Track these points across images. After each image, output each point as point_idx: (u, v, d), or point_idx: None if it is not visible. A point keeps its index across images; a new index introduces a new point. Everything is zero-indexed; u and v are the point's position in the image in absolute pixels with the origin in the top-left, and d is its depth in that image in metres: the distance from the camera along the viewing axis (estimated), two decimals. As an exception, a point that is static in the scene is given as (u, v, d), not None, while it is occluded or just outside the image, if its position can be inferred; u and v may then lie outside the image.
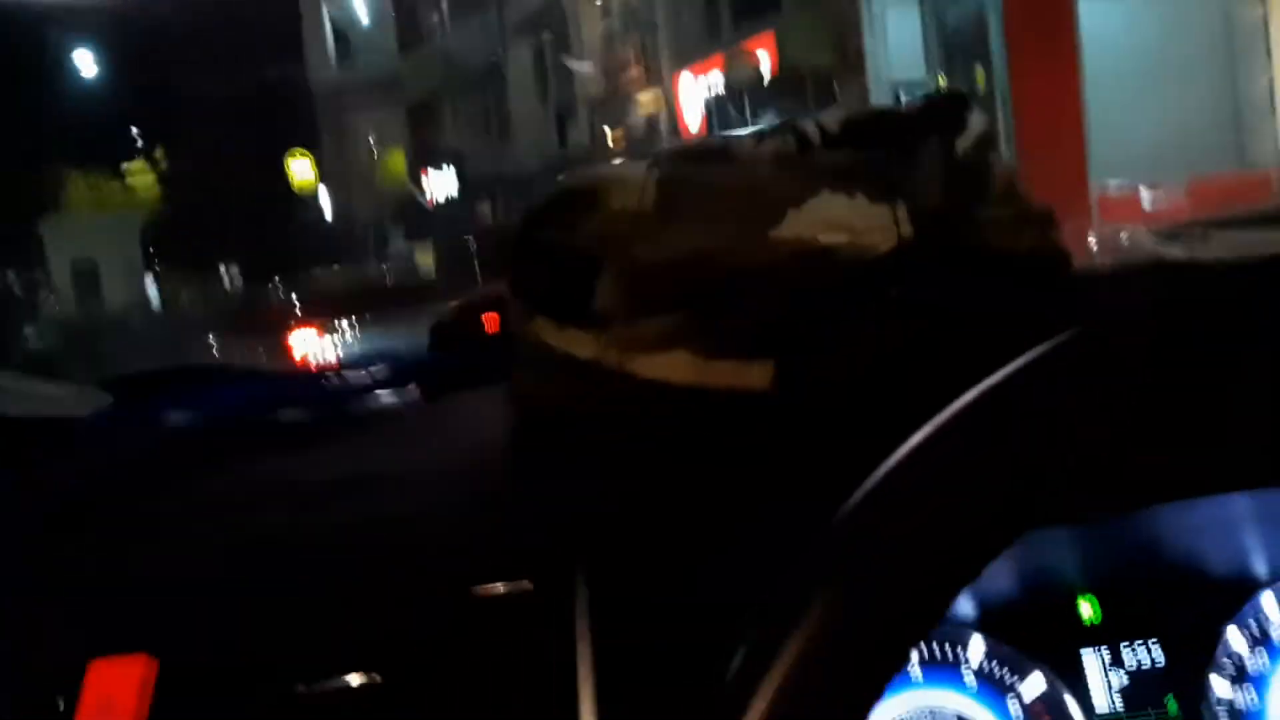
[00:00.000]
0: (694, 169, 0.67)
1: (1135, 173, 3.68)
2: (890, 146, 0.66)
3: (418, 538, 0.59)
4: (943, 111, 0.68)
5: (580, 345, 0.65)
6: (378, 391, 0.91)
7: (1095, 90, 3.43)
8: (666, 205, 0.65)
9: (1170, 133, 4.99)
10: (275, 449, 0.76)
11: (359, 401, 0.90)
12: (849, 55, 5.46)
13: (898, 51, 5.22)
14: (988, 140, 0.68)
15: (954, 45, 5.81)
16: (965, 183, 0.66)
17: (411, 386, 0.90)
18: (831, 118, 0.69)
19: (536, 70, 25.72)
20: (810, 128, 0.68)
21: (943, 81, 6.42)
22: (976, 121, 0.68)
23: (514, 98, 26.38)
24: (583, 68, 22.70)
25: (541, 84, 25.51)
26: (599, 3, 22.66)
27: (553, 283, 0.67)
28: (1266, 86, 5.02)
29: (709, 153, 0.70)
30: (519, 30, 25.65)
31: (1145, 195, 3.61)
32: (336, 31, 34.00)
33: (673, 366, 0.63)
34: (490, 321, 0.80)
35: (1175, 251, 0.87)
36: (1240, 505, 0.64)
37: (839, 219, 0.63)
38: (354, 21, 34.50)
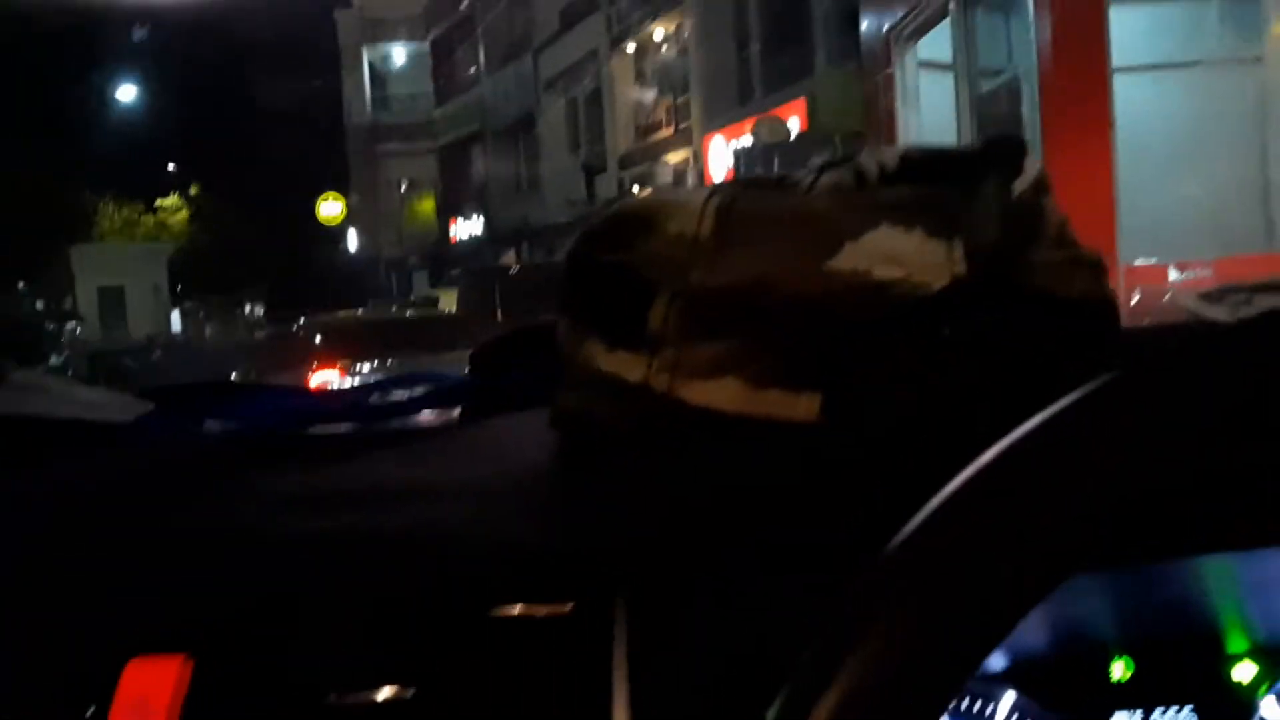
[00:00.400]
0: (753, 198, 0.68)
1: (1166, 250, 3.68)
2: (947, 185, 0.66)
3: (456, 554, 0.59)
4: (1000, 154, 0.68)
5: (630, 368, 0.65)
6: (419, 411, 0.91)
7: (1127, 164, 3.43)
8: (724, 232, 0.65)
9: (1201, 211, 4.99)
10: (317, 461, 0.76)
11: (400, 420, 0.90)
12: (880, 123, 5.51)
13: (930, 120, 5.25)
14: (1043, 184, 0.68)
15: (987, 116, 5.86)
16: (1020, 224, 0.66)
17: (452, 407, 0.90)
18: (890, 155, 0.69)
19: (568, 124, 26.07)
20: (869, 163, 0.68)
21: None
22: (1033, 165, 0.68)
23: (545, 150, 26.72)
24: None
25: (573, 137, 25.84)
26: (633, 63, 23.03)
27: (605, 304, 0.67)
28: (1298, 173, 5.01)
29: (769, 184, 0.70)
30: (552, 85, 26.06)
31: (1174, 273, 3.61)
32: (374, 77, 34.64)
33: (722, 393, 0.63)
34: (534, 344, 0.79)
35: (1218, 313, 0.86)
36: None
37: (894, 253, 0.63)
38: (392, 68, 35.14)
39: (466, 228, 29.82)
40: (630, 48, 22.73)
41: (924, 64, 5.20)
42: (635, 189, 21.56)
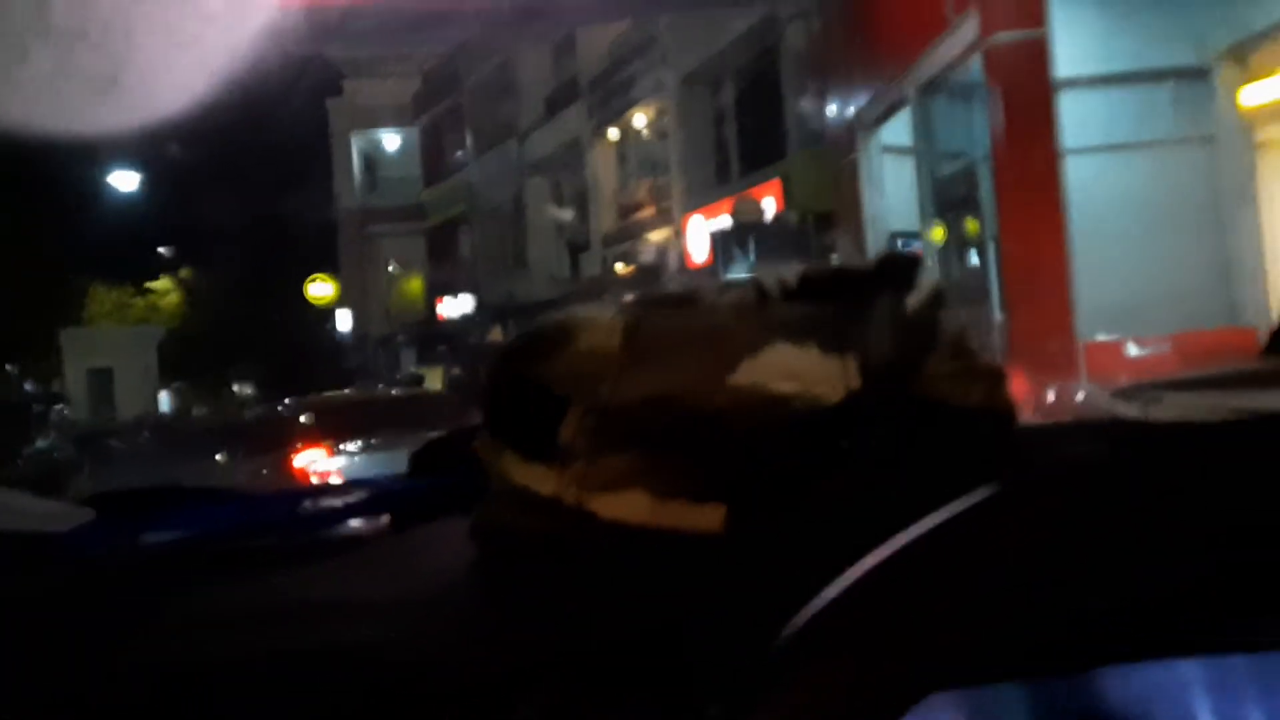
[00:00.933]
0: (661, 315, 0.70)
1: (1125, 325, 3.79)
2: (844, 302, 0.68)
3: (375, 675, 0.58)
4: (895, 270, 0.71)
5: (542, 481, 0.66)
6: (354, 517, 0.90)
7: (1085, 242, 3.57)
8: (632, 349, 0.67)
9: (1159, 286, 5.09)
10: (246, 572, 0.76)
11: (334, 527, 0.90)
12: (848, 205, 5.71)
13: (894, 201, 5.44)
14: (938, 298, 0.71)
15: (946, 198, 6.05)
16: (914, 338, 0.67)
17: (386, 513, 0.89)
18: (790, 273, 0.72)
19: (553, 205, 26.57)
20: (770, 282, 0.71)
21: (939, 234, 6.55)
22: (928, 281, 0.73)
23: (530, 230, 27.12)
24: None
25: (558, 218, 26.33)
26: (615, 146, 23.53)
27: (522, 418, 0.69)
28: (1253, 241, 5.16)
29: (676, 300, 0.73)
30: (538, 168, 26.55)
31: (1132, 348, 3.73)
32: (364, 161, 35.21)
33: (629, 506, 0.64)
34: (467, 452, 0.78)
35: (1128, 410, 0.87)
36: (1188, 671, 0.57)
37: (791, 369, 0.64)
38: (382, 153, 35.74)
39: (454, 306, 30.03)
40: (612, 132, 23.24)
41: (887, 148, 5.41)
42: (618, 266, 21.87)
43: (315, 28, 5.44)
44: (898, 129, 4.97)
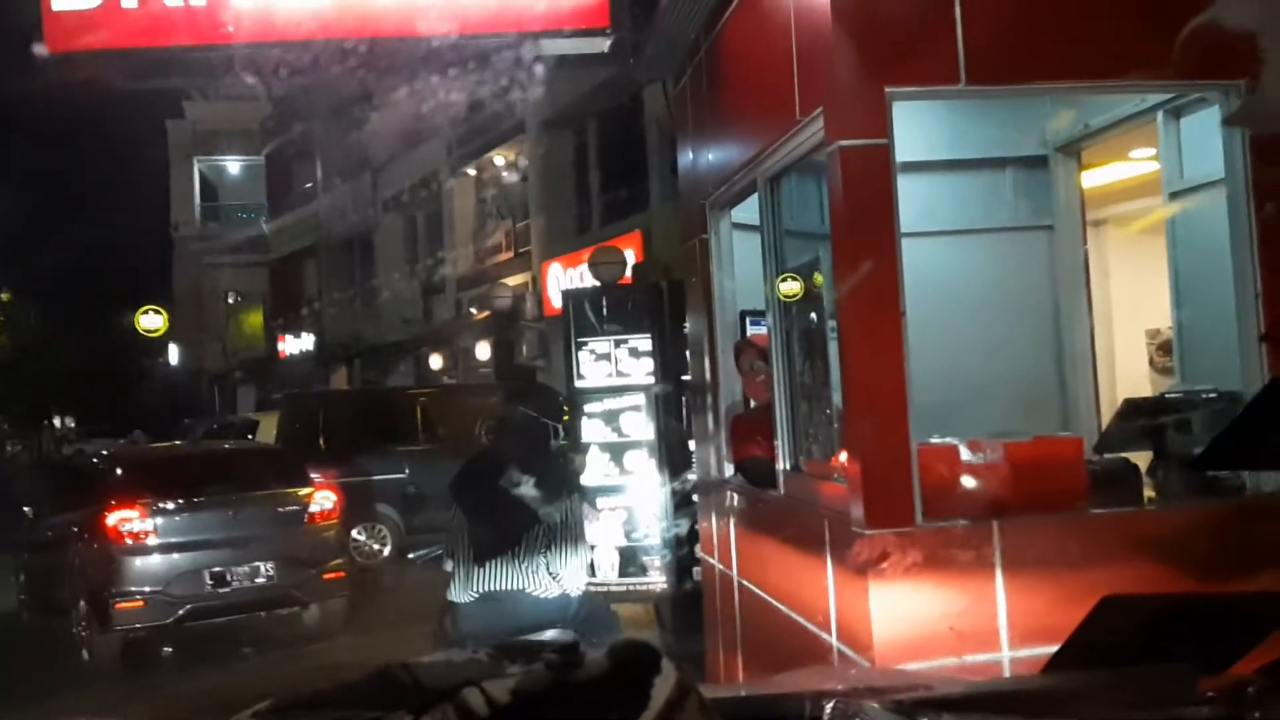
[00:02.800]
0: None
1: (960, 427, 3.74)
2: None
3: None
4: (629, 672, 0.60)
5: None
6: None
7: (924, 332, 3.50)
8: None
9: (998, 382, 5.15)
10: None
11: None
12: (699, 279, 5.61)
13: (744, 280, 5.36)
14: (675, 702, 0.62)
15: (795, 278, 6.01)
16: None
17: None
18: (500, 689, 0.62)
19: (406, 243, 25.92)
20: (476, 701, 0.61)
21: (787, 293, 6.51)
22: (664, 682, 0.61)
23: (381, 268, 26.41)
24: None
25: (411, 257, 25.67)
26: (474, 186, 23.18)
27: None
28: (1086, 339, 5.27)
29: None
30: (391, 204, 25.94)
31: (965, 453, 3.69)
32: (205, 187, 33.80)
33: None
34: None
35: None
36: None
37: None
38: (225, 179, 34.39)
39: (296, 344, 29.00)
40: (471, 171, 22.91)
41: (737, 225, 5.30)
42: (473, 310, 21.49)
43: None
44: (749, 207, 4.90)
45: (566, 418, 6.82)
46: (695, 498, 6.52)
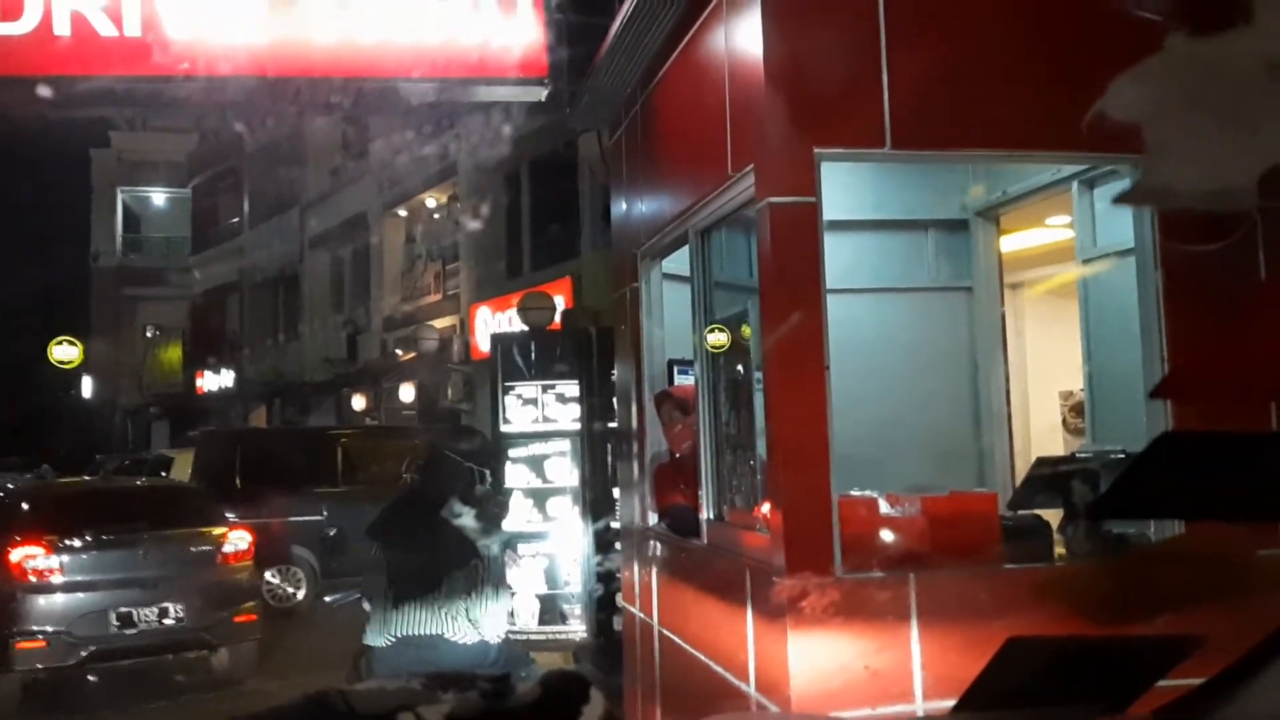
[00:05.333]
0: None
1: (879, 480, 3.81)
2: None
3: None
4: (555, 704, 0.63)
5: None
6: None
7: (846, 393, 3.57)
8: None
9: (917, 436, 5.24)
10: None
11: None
12: (628, 328, 5.65)
13: (674, 329, 5.41)
14: None
15: (724, 328, 6.09)
16: None
17: None
18: (435, 713, 0.63)
19: (333, 282, 25.60)
20: None
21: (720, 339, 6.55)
22: (590, 716, 0.63)
23: (306, 306, 26.02)
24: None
25: (337, 295, 25.35)
26: (404, 226, 23.04)
27: None
28: (1002, 397, 5.40)
29: None
30: (319, 242, 25.63)
31: (884, 506, 3.76)
32: (128, 218, 33.07)
33: None
34: None
35: None
36: None
37: None
38: (148, 211, 33.70)
39: (215, 380, 28.35)
40: (402, 212, 22.77)
41: (667, 275, 5.36)
42: (399, 352, 21.26)
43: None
44: (680, 258, 4.96)
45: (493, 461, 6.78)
46: (618, 545, 6.51)
